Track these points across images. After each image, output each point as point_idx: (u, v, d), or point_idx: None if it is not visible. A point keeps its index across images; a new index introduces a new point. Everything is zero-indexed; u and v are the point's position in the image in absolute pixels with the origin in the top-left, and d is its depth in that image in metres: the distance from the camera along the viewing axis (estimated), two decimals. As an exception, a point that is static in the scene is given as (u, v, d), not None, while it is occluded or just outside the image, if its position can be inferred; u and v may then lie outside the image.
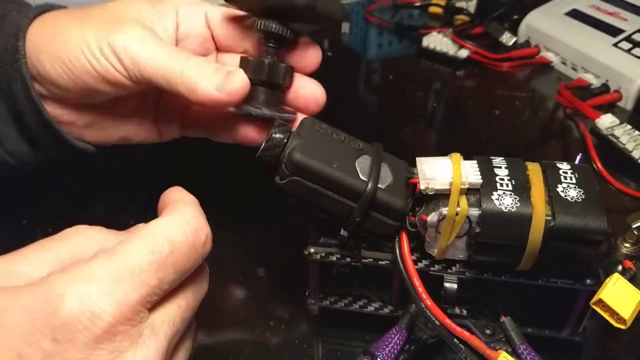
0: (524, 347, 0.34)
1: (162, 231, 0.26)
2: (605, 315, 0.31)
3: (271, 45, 0.38)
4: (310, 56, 0.42)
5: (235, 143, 0.42)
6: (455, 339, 0.32)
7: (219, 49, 0.42)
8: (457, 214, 0.31)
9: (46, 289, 0.23)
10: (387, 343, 0.34)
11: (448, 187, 0.31)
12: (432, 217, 0.31)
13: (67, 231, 0.28)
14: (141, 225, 0.27)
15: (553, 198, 0.31)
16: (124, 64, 0.35)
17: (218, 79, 0.35)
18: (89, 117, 0.39)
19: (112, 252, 0.25)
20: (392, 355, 0.34)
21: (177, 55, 0.35)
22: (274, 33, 0.37)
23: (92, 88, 0.36)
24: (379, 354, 0.34)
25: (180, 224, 0.27)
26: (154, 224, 0.27)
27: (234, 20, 0.41)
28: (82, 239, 0.27)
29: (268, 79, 0.37)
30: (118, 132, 0.41)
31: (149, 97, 0.42)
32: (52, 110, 0.38)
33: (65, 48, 0.35)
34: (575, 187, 0.31)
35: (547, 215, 0.30)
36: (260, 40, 0.39)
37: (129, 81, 0.36)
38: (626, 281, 0.32)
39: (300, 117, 0.38)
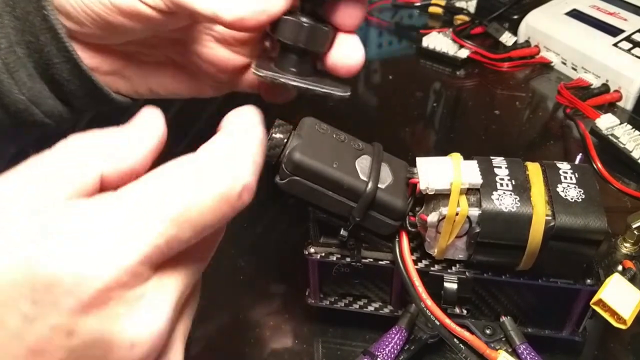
0: (524, 347, 0.34)
1: (189, 177, 0.21)
2: (606, 315, 0.31)
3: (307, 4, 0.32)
4: (354, 10, 0.33)
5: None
6: (455, 339, 0.32)
7: None
8: (457, 214, 0.31)
9: (25, 237, 0.19)
10: (387, 343, 0.34)
11: (448, 187, 0.31)
12: (432, 217, 0.31)
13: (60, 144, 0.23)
14: (162, 169, 0.22)
15: (553, 198, 0.31)
16: None
17: None
18: (112, 62, 0.36)
19: (119, 194, 0.21)
20: (392, 355, 0.34)
21: None
22: None
23: (109, 22, 0.32)
24: (379, 353, 0.34)
25: (214, 170, 0.21)
26: (181, 164, 0.22)
27: None
28: (75, 148, 0.22)
29: (306, 46, 0.32)
30: (146, 84, 0.38)
31: (176, 45, 0.37)
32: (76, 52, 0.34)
33: None
34: (575, 187, 0.31)
35: (547, 215, 0.30)
36: None
37: (147, 9, 0.31)
38: (626, 281, 0.32)
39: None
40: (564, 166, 0.32)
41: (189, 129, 0.54)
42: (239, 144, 0.23)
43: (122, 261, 0.20)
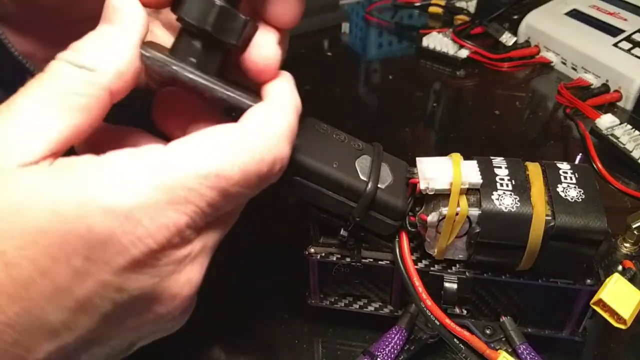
0: (523, 347, 0.34)
1: (237, 153, 0.22)
2: (605, 315, 0.31)
3: None
4: (287, 5, 0.26)
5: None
6: (455, 339, 0.32)
7: None
8: (457, 214, 0.31)
9: (80, 190, 0.19)
10: (387, 343, 0.34)
11: (448, 187, 0.31)
12: (432, 217, 0.31)
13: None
14: (211, 131, 0.22)
15: (553, 198, 0.31)
16: None
17: None
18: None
19: (172, 155, 0.21)
20: (392, 355, 0.34)
21: None
22: None
23: None
24: (379, 354, 0.34)
25: (259, 149, 0.22)
26: (230, 136, 0.22)
27: None
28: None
29: (214, 32, 0.25)
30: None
31: None
32: None
33: None
34: (575, 187, 0.31)
35: (547, 215, 0.30)
36: None
37: None
38: (626, 281, 0.32)
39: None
40: (564, 166, 0.32)
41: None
42: (280, 115, 0.24)
43: (175, 224, 0.21)
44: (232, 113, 0.26)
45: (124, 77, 0.22)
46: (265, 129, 0.23)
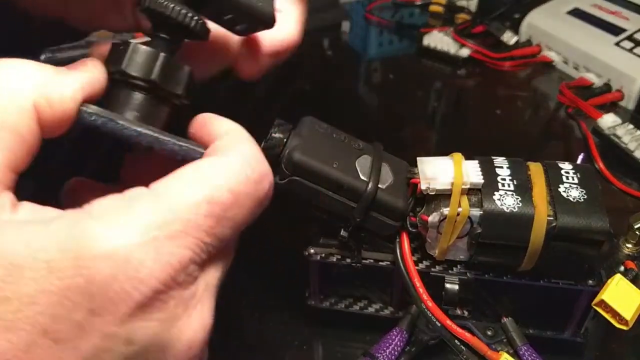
0: (525, 348, 0.34)
1: (223, 176, 0.22)
2: (607, 316, 0.31)
3: (163, 36, 0.26)
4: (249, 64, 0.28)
5: None
6: (456, 341, 0.32)
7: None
8: (458, 215, 0.31)
9: (75, 241, 0.18)
10: (387, 344, 0.34)
11: (449, 187, 0.31)
12: (433, 218, 0.31)
13: None
14: (191, 166, 0.22)
15: (555, 198, 0.31)
16: None
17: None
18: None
19: (161, 193, 0.21)
20: (393, 357, 0.34)
21: None
22: (167, 18, 0.25)
23: None
24: (379, 355, 0.34)
25: (243, 169, 0.22)
26: (212, 165, 0.22)
27: None
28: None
29: (161, 83, 0.25)
30: None
31: None
32: None
33: None
34: (577, 187, 0.31)
35: (549, 216, 0.30)
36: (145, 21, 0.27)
37: None
38: (628, 282, 0.32)
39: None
40: (565, 166, 0.32)
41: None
42: (248, 140, 0.24)
43: (178, 259, 0.20)
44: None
45: (55, 111, 0.22)
46: (241, 151, 0.23)
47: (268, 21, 0.28)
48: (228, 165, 0.22)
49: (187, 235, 0.20)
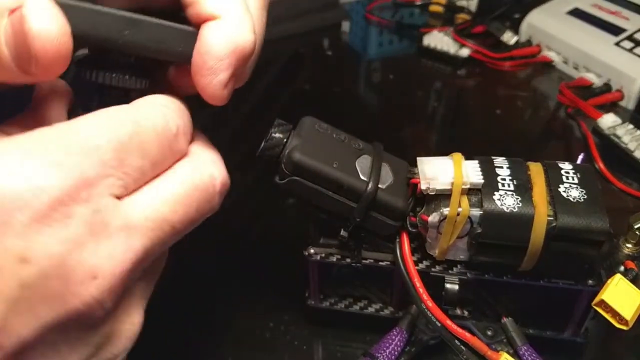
0: (525, 348, 0.34)
1: (123, 110, 0.22)
2: (607, 316, 0.31)
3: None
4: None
5: None
6: (456, 340, 0.32)
7: None
8: (458, 215, 0.31)
9: None
10: (387, 344, 0.34)
11: (449, 187, 0.31)
12: (433, 218, 0.31)
13: None
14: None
15: (555, 198, 0.31)
16: None
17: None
18: None
19: (59, 125, 0.20)
20: (393, 357, 0.34)
21: None
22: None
23: None
24: (379, 355, 0.34)
25: (147, 106, 0.22)
26: (114, 106, 0.22)
27: None
28: None
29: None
30: None
31: None
32: None
33: None
34: (577, 187, 0.31)
35: (549, 216, 0.30)
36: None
37: None
38: (628, 282, 0.32)
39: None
40: (565, 166, 0.32)
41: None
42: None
43: (79, 173, 0.19)
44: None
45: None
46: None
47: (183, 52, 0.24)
48: (133, 104, 0.23)
49: (88, 155, 0.19)
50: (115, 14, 0.22)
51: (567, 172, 0.32)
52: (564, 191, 0.31)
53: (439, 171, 0.32)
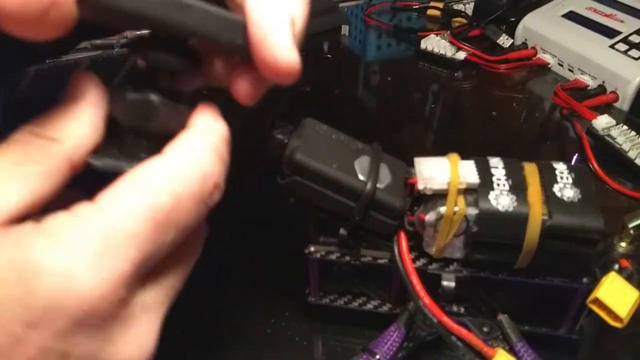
0: (521, 344, 0.34)
1: (163, 179, 0.21)
2: (602, 314, 0.31)
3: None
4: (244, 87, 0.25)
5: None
6: (453, 337, 0.32)
7: None
8: (454, 214, 0.31)
9: (19, 255, 0.18)
10: (386, 340, 0.34)
11: (446, 187, 0.31)
12: (430, 217, 0.32)
13: None
14: (133, 172, 0.21)
15: (549, 198, 0.31)
16: None
17: None
18: None
19: (104, 207, 0.20)
20: (391, 352, 0.34)
21: None
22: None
23: None
24: (377, 351, 0.34)
25: (185, 169, 0.21)
26: (151, 168, 0.21)
27: None
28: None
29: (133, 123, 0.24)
30: None
31: None
32: None
33: None
34: (571, 187, 0.31)
35: (543, 215, 0.30)
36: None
37: None
38: (622, 280, 0.32)
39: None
40: (560, 166, 0.33)
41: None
42: (202, 137, 0.23)
43: (117, 273, 0.19)
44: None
45: (84, 147, 0.22)
46: (187, 152, 0.22)
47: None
48: (170, 164, 0.21)
49: (124, 246, 0.20)
50: None
51: (562, 172, 0.32)
52: (559, 191, 0.31)
53: (435, 171, 0.32)
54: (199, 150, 0.22)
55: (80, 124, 0.22)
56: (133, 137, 0.24)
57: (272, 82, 0.24)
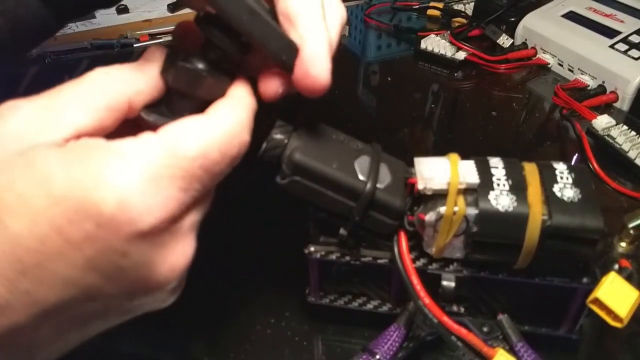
0: (520, 344, 0.34)
1: (217, 139, 0.25)
2: (602, 314, 0.31)
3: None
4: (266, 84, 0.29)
5: None
6: (453, 337, 0.32)
7: None
8: (454, 214, 0.31)
9: (99, 169, 0.22)
10: (386, 340, 0.35)
11: (446, 187, 0.31)
12: (430, 217, 0.32)
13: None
14: (195, 122, 0.26)
15: (549, 198, 0.31)
16: None
17: None
18: None
19: (167, 139, 0.24)
20: (391, 352, 0.34)
21: None
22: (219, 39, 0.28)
23: None
24: (377, 350, 0.34)
25: (231, 134, 0.26)
26: (211, 124, 0.26)
27: None
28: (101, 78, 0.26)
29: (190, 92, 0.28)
30: None
31: None
32: None
33: None
34: (571, 187, 0.31)
35: (543, 215, 0.30)
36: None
37: None
38: (622, 280, 0.32)
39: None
40: (560, 166, 0.33)
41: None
42: (240, 108, 0.27)
43: (176, 199, 0.24)
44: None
45: (142, 96, 0.27)
46: (232, 119, 0.27)
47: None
48: (222, 127, 0.26)
49: (183, 181, 0.24)
50: (244, 0, 0.26)
51: (562, 172, 0.32)
52: (559, 191, 0.31)
53: (435, 171, 0.32)
54: (240, 122, 0.27)
55: (145, 78, 0.27)
56: (179, 99, 0.28)
57: (298, 90, 0.29)
